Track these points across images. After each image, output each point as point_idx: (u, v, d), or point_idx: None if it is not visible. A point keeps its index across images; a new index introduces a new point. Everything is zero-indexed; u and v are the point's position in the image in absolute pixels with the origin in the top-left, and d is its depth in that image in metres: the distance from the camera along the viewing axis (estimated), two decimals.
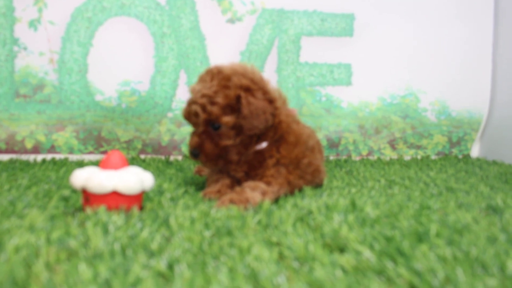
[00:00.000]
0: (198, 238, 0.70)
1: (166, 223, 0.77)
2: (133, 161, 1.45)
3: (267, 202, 0.88)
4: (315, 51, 1.62)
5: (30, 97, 1.43)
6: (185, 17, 1.50)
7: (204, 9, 1.52)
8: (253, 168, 1.04)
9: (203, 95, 0.98)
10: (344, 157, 1.68)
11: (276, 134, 1.03)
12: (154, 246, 0.66)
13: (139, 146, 1.52)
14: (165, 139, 1.53)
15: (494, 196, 1.05)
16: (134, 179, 0.85)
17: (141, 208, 0.88)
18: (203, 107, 0.98)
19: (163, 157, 1.53)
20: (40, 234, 0.69)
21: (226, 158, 1.02)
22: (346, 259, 0.63)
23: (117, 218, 0.78)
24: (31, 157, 1.44)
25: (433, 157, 1.76)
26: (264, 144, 1.04)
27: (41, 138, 1.45)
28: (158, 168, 1.37)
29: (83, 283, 0.54)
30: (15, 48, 1.41)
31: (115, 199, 0.84)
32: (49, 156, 1.45)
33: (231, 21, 1.55)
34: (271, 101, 1.00)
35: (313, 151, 1.11)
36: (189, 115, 1.01)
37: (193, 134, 1.02)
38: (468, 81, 1.73)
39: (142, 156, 1.53)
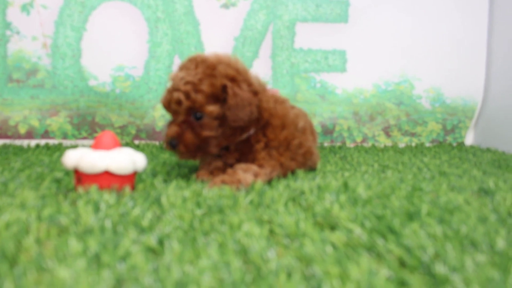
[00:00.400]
0: (189, 215, 0.70)
1: (157, 201, 0.77)
2: (126, 147, 1.44)
3: (259, 183, 0.88)
4: (310, 37, 1.61)
5: (23, 82, 1.42)
6: (179, 2, 1.49)
7: None
8: (244, 155, 1.03)
9: (187, 82, 0.94)
10: (338, 144, 1.68)
11: (260, 122, 1.01)
12: (145, 223, 0.66)
13: (133, 131, 1.51)
14: (159, 124, 1.53)
15: (486, 180, 1.05)
16: (126, 159, 0.85)
17: (133, 189, 0.88)
18: (187, 95, 0.93)
19: (157, 143, 1.52)
20: (31, 212, 0.69)
21: (205, 150, 0.98)
22: (337, 236, 0.63)
23: (108, 197, 0.77)
24: (24, 142, 1.44)
25: (427, 144, 1.76)
26: (247, 134, 1.01)
27: (35, 123, 1.44)
28: (152, 153, 1.37)
29: (72, 257, 0.54)
30: (8, 33, 1.40)
31: (107, 179, 0.84)
32: (42, 142, 1.45)
33: (226, 6, 1.54)
34: (255, 93, 0.98)
35: (304, 132, 1.09)
36: (170, 103, 0.96)
37: (172, 123, 0.97)
38: (463, 69, 1.72)
39: (136, 142, 1.53)
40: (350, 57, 1.65)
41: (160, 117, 1.52)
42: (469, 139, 1.81)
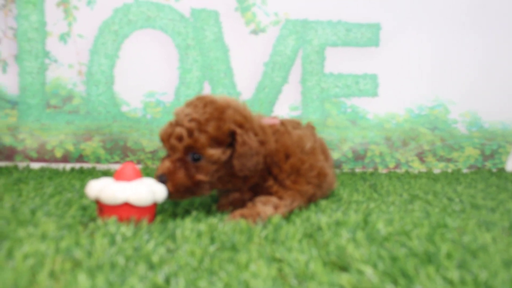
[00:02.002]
0: (200, 252, 0.70)
1: (172, 235, 0.78)
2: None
3: (277, 216, 0.87)
4: (340, 61, 1.60)
5: (60, 108, 1.49)
6: (209, 28, 1.52)
7: (227, 20, 1.53)
8: (257, 194, 0.99)
9: (192, 119, 0.90)
10: (370, 170, 1.64)
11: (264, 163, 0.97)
12: (155, 258, 0.67)
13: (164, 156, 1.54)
14: None
15: None
16: (145, 191, 0.86)
17: (153, 220, 0.90)
18: (190, 132, 0.90)
19: None
20: (50, 243, 0.71)
21: (195, 193, 0.93)
22: (347, 279, 0.61)
23: (125, 230, 0.79)
24: (60, 166, 1.49)
25: (464, 170, 1.69)
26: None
27: (70, 147, 1.50)
28: None
29: None
30: (47, 61, 1.47)
31: (127, 210, 0.85)
32: (77, 165, 1.50)
33: (255, 32, 1.55)
34: (262, 142, 0.94)
35: (313, 153, 1.05)
36: (169, 137, 0.92)
37: (165, 158, 0.93)
38: (501, 92, 1.66)
39: None
40: (381, 81, 1.62)
41: None
42: (510, 165, 1.73)
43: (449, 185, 1.42)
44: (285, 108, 1.58)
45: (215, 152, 0.90)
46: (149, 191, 0.87)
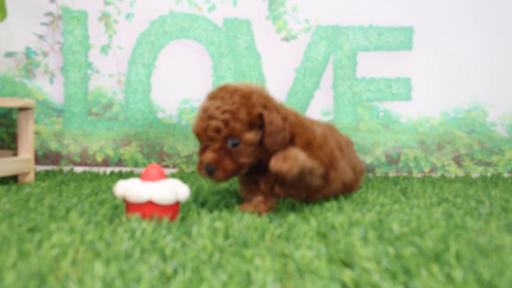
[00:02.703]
0: (212, 247, 0.74)
1: (189, 232, 0.82)
2: (191, 175, 1.53)
3: (292, 216, 0.90)
4: (372, 65, 1.59)
5: (101, 115, 1.58)
6: (241, 37, 1.57)
7: (259, 28, 1.57)
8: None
9: (225, 111, 0.98)
10: (404, 174, 1.62)
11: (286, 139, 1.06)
12: (168, 251, 0.71)
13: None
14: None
15: None
16: (168, 190, 0.91)
17: (174, 218, 0.94)
18: (226, 123, 0.98)
19: None
20: (76, 236, 0.77)
21: (239, 173, 1.03)
22: (348, 274, 0.63)
23: (146, 226, 0.84)
24: (101, 170, 1.59)
25: (505, 174, 1.63)
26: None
27: (110, 152, 1.59)
28: (211, 181, 1.43)
29: (93, 279, 0.60)
30: (89, 72, 1.57)
31: (150, 208, 0.91)
32: (116, 169, 1.59)
33: (286, 39, 1.59)
34: (284, 119, 1.03)
35: (324, 137, 1.13)
36: (206, 131, 0.99)
37: (206, 150, 1.01)
38: None
39: None
40: (415, 84, 1.60)
41: None
42: None
43: (485, 189, 1.38)
44: (317, 113, 1.59)
45: (250, 136, 0.99)
46: (171, 190, 0.92)
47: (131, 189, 0.92)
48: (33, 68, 1.56)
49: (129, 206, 0.92)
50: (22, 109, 1.36)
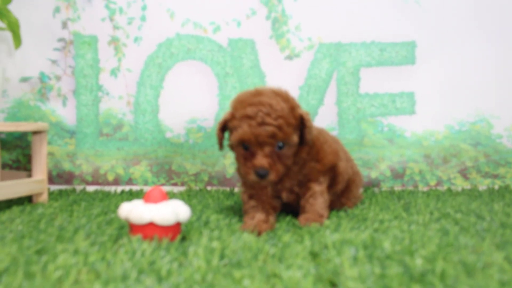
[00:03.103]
0: (205, 267, 0.77)
1: (186, 252, 0.86)
2: (199, 193, 1.57)
3: (287, 235, 0.93)
4: (375, 81, 1.61)
5: (111, 136, 1.64)
6: (246, 56, 1.61)
7: (263, 48, 1.61)
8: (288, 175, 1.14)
9: (278, 117, 1.02)
10: (410, 188, 1.63)
11: (299, 158, 1.13)
12: (164, 272, 0.75)
13: (206, 178, 1.64)
14: (230, 171, 1.64)
15: None
16: (168, 211, 0.95)
17: (175, 238, 0.98)
18: (280, 128, 1.02)
19: (228, 189, 1.63)
20: (80, 258, 0.82)
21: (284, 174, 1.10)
22: None
23: (147, 246, 0.88)
24: (112, 189, 1.64)
25: None
26: None
27: (120, 171, 1.64)
28: (219, 199, 1.47)
29: None
30: (100, 94, 1.64)
31: (152, 229, 0.95)
32: (127, 188, 1.64)
33: (289, 57, 1.62)
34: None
35: (323, 134, 1.23)
36: (257, 137, 1.01)
37: (254, 155, 1.04)
38: None
39: (209, 188, 1.65)
40: (419, 98, 1.62)
41: (230, 165, 1.63)
42: None
43: (490, 202, 1.38)
44: None
45: (295, 138, 1.07)
46: (172, 212, 0.96)
47: (134, 211, 0.96)
48: (46, 91, 1.63)
49: (132, 227, 0.97)
50: (36, 132, 1.42)
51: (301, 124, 1.09)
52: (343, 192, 1.30)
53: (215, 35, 1.61)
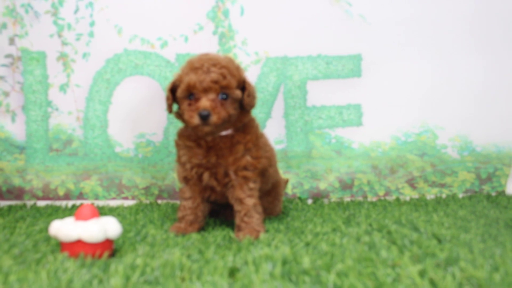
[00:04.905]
0: (122, 285, 0.78)
1: (107, 269, 0.87)
2: (148, 206, 1.58)
3: (210, 251, 0.96)
4: (322, 94, 1.64)
5: (61, 151, 1.64)
6: None
7: None
8: (222, 155, 1.19)
9: (222, 67, 1.13)
10: (359, 198, 1.66)
11: (242, 121, 1.20)
12: None
13: (156, 192, 1.65)
14: (179, 184, 1.65)
15: (474, 247, 0.99)
16: (96, 228, 0.96)
17: (109, 254, 0.99)
18: (224, 76, 1.12)
19: (178, 202, 1.64)
20: (0, 277, 0.82)
21: (225, 124, 1.16)
22: None
23: (70, 264, 0.89)
24: (63, 203, 1.64)
25: (460, 195, 1.67)
26: (230, 130, 1.19)
27: (71, 186, 1.64)
28: (166, 212, 1.48)
29: None
30: (49, 109, 1.64)
31: (80, 247, 0.95)
32: (78, 202, 1.64)
33: None
34: None
35: (263, 135, 1.31)
36: (201, 83, 1.11)
37: (201, 99, 1.12)
38: (491, 114, 1.64)
39: (159, 201, 1.66)
40: (365, 110, 1.65)
41: None
42: (510, 188, 1.68)
43: (432, 212, 1.42)
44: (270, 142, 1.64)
45: (238, 92, 1.15)
46: (101, 229, 0.97)
47: (62, 229, 0.97)
48: None
49: (62, 245, 0.97)
50: None
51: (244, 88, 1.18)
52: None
53: (163, 50, 1.63)
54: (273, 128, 1.64)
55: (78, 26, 1.62)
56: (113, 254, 1.01)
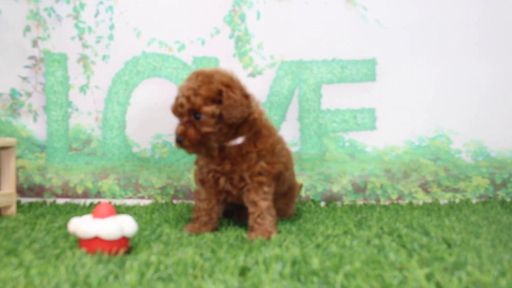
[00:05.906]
0: (136, 280, 0.81)
1: (123, 266, 0.90)
2: (163, 206, 1.61)
3: (222, 251, 0.99)
4: (337, 97, 1.66)
5: (80, 150, 1.70)
6: None
7: (226, 65, 1.64)
8: (237, 162, 1.22)
9: (189, 88, 1.17)
10: (372, 202, 1.67)
11: (251, 130, 1.22)
12: (94, 282, 0.79)
13: (172, 192, 1.69)
14: (195, 185, 1.68)
15: (483, 252, 0.99)
16: (113, 226, 1.00)
17: (125, 251, 1.02)
18: (188, 98, 1.16)
19: (193, 202, 1.67)
20: (21, 271, 0.86)
21: (207, 144, 1.18)
22: None
23: (88, 260, 0.92)
24: (81, 201, 1.69)
25: (474, 200, 1.67)
26: (240, 139, 1.22)
27: (89, 185, 1.69)
28: (181, 212, 1.51)
29: None
30: (69, 110, 1.69)
31: (97, 243, 0.99)
32: (96, 200, 1.69)
33: (252, 75, 1.67)
34: (246, 96, 1.20)
35: (281, 140, 1.32)
36: (176, 107, 1.19)
37: (179, 124, 1.19)
38: (507, 119, 1.64)
39: (175, 201, 1.69)
40: (379, 114, 1.66)
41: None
42: None
43: (445, 216, 1.42)
44: None
45: (209, 108, 1.16)
46: (117, 227, 1.00)
47: (80, 226, 1.01)
48: (18, 107, 1.69)
49: (80, 241, 1.01)
50: (4, 148, 1.47)
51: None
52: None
53: (180, 53, 1.67)
54: (287, 131, 1.66)
55: (98, 29, 1.67)
56: (128, 251, 1.04)
